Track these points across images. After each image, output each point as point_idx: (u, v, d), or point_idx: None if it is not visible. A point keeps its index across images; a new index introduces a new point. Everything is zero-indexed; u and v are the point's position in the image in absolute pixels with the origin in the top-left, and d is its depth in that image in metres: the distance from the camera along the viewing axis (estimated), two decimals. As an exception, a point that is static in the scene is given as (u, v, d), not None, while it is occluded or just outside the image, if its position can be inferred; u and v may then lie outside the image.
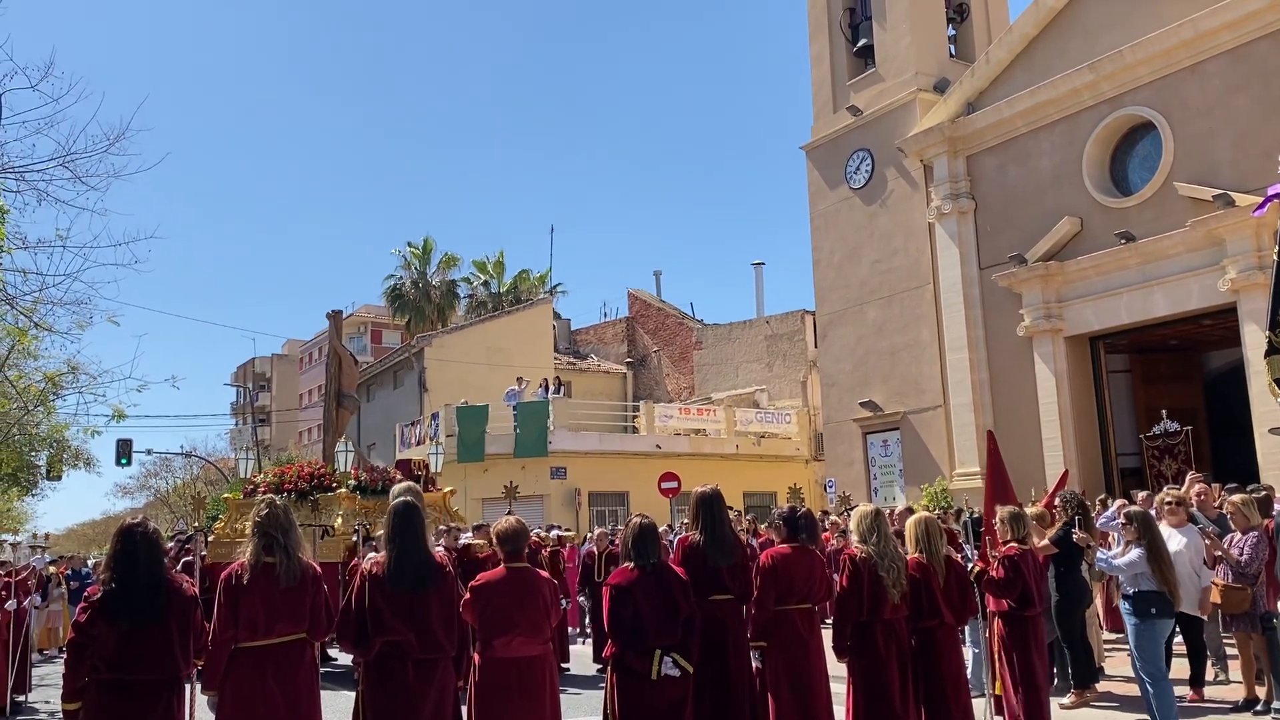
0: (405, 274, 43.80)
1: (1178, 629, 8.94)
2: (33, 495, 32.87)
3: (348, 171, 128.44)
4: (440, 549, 7.55)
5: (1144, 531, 7.36)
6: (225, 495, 18.05)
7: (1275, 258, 5.87)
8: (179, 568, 8.12)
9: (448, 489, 15.10)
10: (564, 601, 12.84)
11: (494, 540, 5.77)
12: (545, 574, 5.81)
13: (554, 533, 16.31)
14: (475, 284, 44.54)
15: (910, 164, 22.62)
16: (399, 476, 14.19)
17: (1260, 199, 15.90)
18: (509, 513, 7.08)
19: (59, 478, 27.92)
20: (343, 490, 13.14)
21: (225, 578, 5.29)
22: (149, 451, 48.18)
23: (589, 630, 13.83)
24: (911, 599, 6.55)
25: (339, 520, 12.67)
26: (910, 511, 13.37)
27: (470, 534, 11.95)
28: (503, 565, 5.63)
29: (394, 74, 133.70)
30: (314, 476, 13.48)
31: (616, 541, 12.20)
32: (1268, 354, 5.42)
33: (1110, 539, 11.20)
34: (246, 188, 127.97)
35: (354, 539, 12.41)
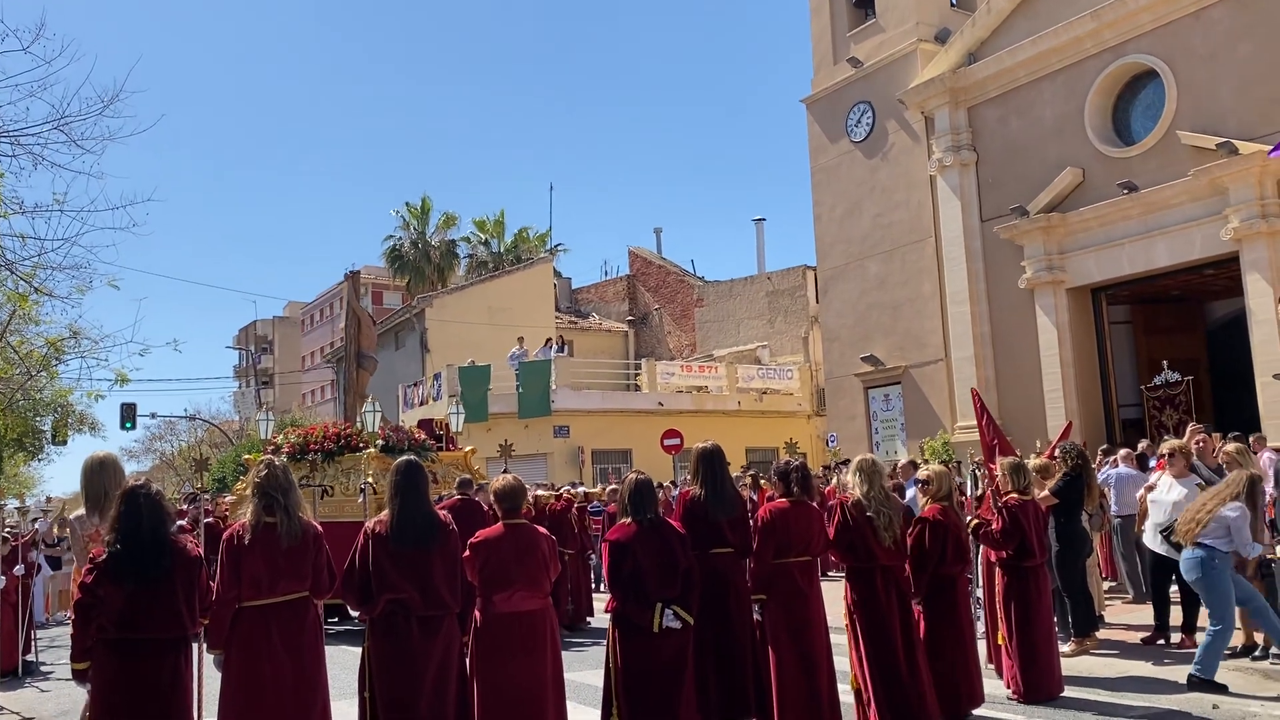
0: (404, 234, 43.62)
1: (1174, 577, 9.07)
2: (39, 460, 33.08)
3: (345, 131, 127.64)
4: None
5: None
6: (246, 457, 18.17)
7: None
8: (200, 529, 8.16)
9: (469, 448, 15.20)
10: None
11: (493, 498, 5.82)
12: (543, 530, 5.87)
13: (581, 489, 16.37)
14: (475, 243, 44.38)
15: (911, 116, 22.42)
16: (423, 436, 14.27)
17: (1268, 146, 15.85)
18: (505, 471, 7.12)
19: (64, 442, 28.07)
20: (370, 450, 13.21)
21: (227, 538, 5.35)
22: (153, 415, 48.39)
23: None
24: (934, 547, 6.77)
25: (370, 478, 12.76)
26: (914, 465, 13.48)
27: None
28: (501, 522, 5.68)
29: (388, 32, 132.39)
30: (340, 437, 13.53)
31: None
32: (1280, 300, 5.42)
33: (1109, 493, 11.29)
34: (243, 149, 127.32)
35: (360, 499, 12.48)
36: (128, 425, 34.61)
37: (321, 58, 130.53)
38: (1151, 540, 9.12)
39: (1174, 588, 9.20)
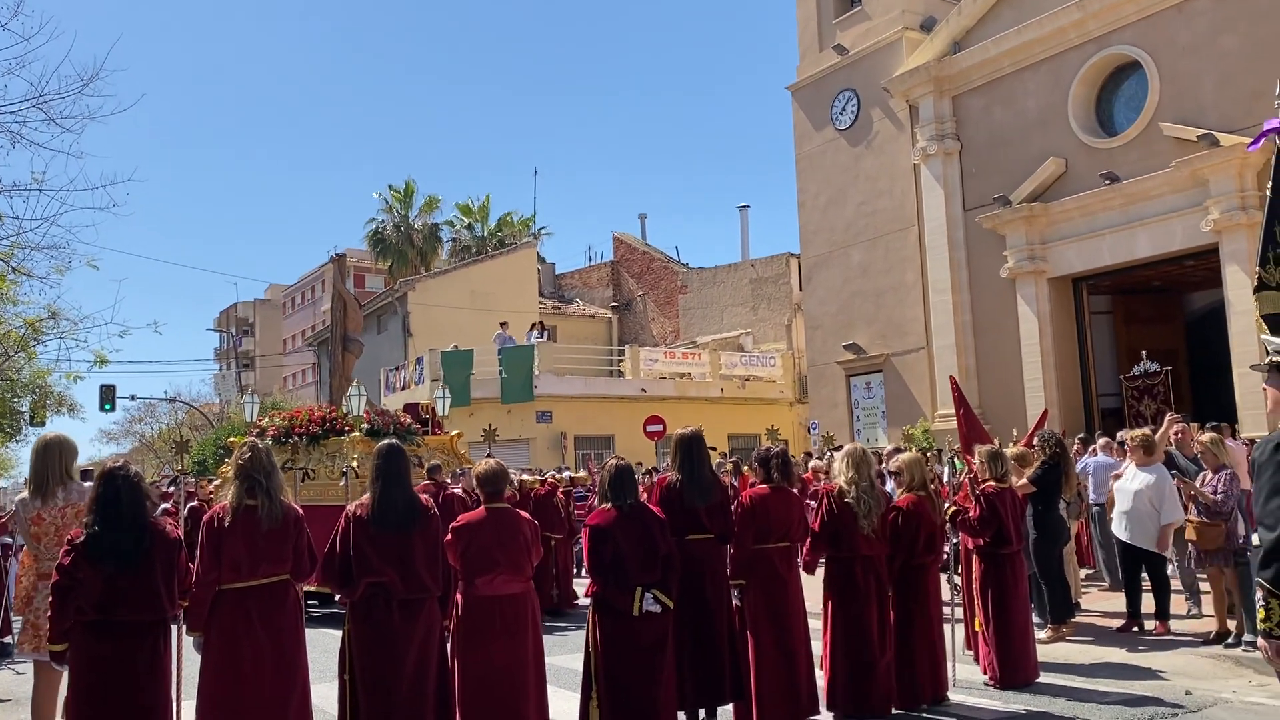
0: (387, 218, 43.35)
1: (1144, 565, 9.19)
2: (17, 441, 32.80)
3: (328, 113, 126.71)
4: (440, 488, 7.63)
5: None
6: (230, 439, 18.13)
7: (1268, 193, 5.85)
8: (185, 512, 8.10)
9: (455, 432, 15.17)
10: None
11: (475, 482, 5.82)
12: (525, 514, 5.88)
13: (566, 474, 16.37)
14: (459, 227, 44.17)
15: (896, 104, 22.44)
16: (408, 420, 14.24)
17: (1248, 139, 15.95)
18: (488, 455, 7.12)
19: (43, 424, 27.78)
20: (356, 434, 13.17)
21: (207, 520, 5.32)
22: (133, 397, 47.71)
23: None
24: (906, 535, 6.81)
25: (354, 463, 12.72)
26: (899, 451, 13.50)
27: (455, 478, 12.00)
28: (483, 506, 5.69)
29: (374, 13, 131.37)
30: (325, 420, 13.48)
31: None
32: (1256, 290, 5.41)
33: (1088, 482, 11.39)
34: (226, 130, 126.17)
35: (342, 483, 12.45)
36: (107, 407, 34.35)
37: (305, 40, 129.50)
38: (1118, 529, 9.22)
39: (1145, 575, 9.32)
